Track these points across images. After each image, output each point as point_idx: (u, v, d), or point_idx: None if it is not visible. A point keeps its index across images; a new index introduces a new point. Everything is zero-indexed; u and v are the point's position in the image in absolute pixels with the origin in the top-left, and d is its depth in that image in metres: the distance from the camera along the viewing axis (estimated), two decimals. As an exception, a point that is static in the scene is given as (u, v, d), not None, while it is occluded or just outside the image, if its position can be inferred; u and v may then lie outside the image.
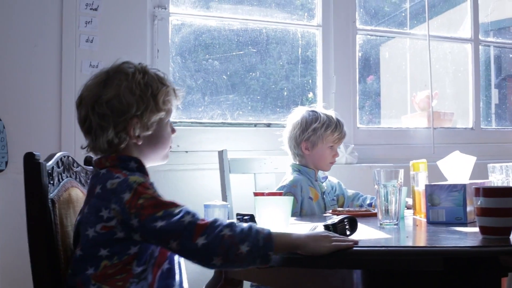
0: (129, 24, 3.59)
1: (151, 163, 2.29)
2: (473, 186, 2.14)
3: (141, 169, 2.16)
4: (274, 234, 1.91)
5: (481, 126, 4.89)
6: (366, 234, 2.30)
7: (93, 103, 2.14)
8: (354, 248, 1.92)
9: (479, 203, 2.08)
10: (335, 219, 2.08)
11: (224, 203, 2.56)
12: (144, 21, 3.64)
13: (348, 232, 2.10)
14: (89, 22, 3.48)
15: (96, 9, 3.49)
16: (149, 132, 2.18)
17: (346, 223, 2.10)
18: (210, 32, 3.94)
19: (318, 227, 2.14)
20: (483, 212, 2.08)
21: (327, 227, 2.06)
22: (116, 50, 3.53)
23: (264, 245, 1.87)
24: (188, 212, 1.95)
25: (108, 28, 3.52)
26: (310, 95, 4.24)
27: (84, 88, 2.20)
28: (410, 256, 1.87)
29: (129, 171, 2.10)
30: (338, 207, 3.35)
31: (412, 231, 2.50)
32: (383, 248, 1.90)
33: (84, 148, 2.23)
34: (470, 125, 4.85)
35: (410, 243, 2.18)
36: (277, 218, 2.03)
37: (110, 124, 2.13)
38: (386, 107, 4.88)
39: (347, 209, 3.15)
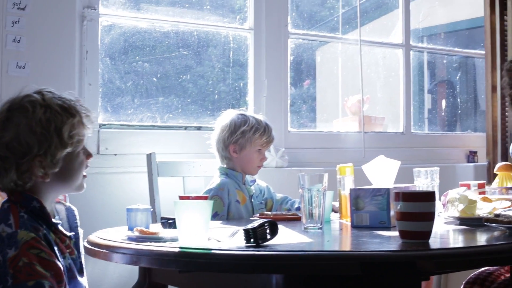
0: (58, 25, 3.52)
1: (64, 193, 2.26)
2: (393, 191, 2.15)
3: (42, 210, 2.11)
4: None
5: (412, 131, 4.95)
6: (289, 238, 2.30)
7: None
8: (273, 253, 1.92)
9: (398, 207, 2.09)
10: (255, 223, 2.07)
11: (147, 207, 2.53)
12: (73, 21, 3.57)
13: (268, 236, 2.09)
14: (16, 21, 3.41)
15: (23, 9, 3.42)
16: (56, 169, 2.12)
17: (266, 227, 2.09)
18: (140, 34, 3.90)
19: (238, 232, 2.13)
20: (402, 216, 2.09)
21: (247, 231, 2.05)
22: (44, 50, 3.47)
23: None
24: None
25: (36, 28, 3.45)
26: (248, 97, 4.22)
27: None
28: (328, 260, 1.86)
29: (28, 213, 2.06)
30: (267, 211, 3.35)
31: (335, 235, 2.52)
32: (301, 253, 1.90)
33: None
34: (401, 130, 4.90)
35: (330, 248, 2.18)
36: (196, 223, 2.01)
37: (13, 166, 2.06)
38: (322, 111, 4.90)
39: (274, 212, 3.15)
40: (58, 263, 2.03)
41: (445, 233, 2.50)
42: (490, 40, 5.19)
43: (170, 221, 2.56)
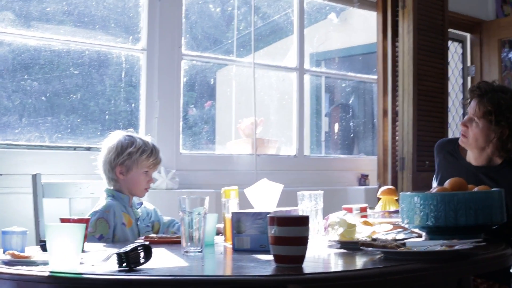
0: None
1: None
2: (268, 215, 2.16)
3: None
4: None
5: (304, 154, 5.00)
6: (166, 262, 2.29)
7: None
8: (141, 277, 1.90)
9: (273, 231, 2.10)
10: (128, 247, 2.05)
11: (23, 229, 2.48)
12: (-42, 38, 3.50)
13: (142, 260, 2.07)
14: None
15: None
16: None
17: (140, 251, 2.07)
18: (30, 52, 3.83)
19: (112, 256, 2.10)
20: (276, 240, 2.10)
21: (119, 255, 2.03)
22: None
23: None
24: None
25: None
26: (140, 118, 4.19)
27: None
28: (197, 285, 1.86)
29: None
30: (153, 234, 3.32)
31: (214, 259, 2.51)
32: (170, 277, 1.88)
33: None
34: (294, 153, 4.95)
35: (204, 272, 2.18)
36: (66, 247, 1.99)
37: None
38: (221, 133, 4.91)
39: (159, 235, 3.13)
40: None
41: (326, 257, 2.54)
42: (382, 66, 5.32)
43: (48, 244, 2.51)
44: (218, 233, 3.14)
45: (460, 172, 3.43)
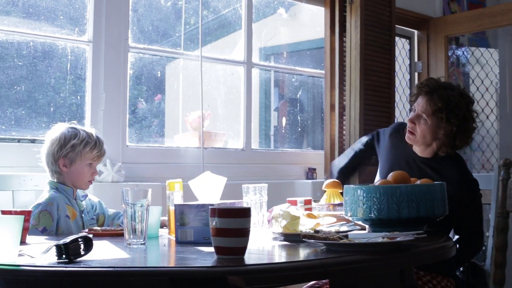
0: None
1: None
2: (210, 207, 2.16)
3: None
4: None
5: (252, 147, 5.00)
6: (107, 254, 2.28)
7: None
8: (80, 269, 1.90)
9: (214, 223, 2.11)
10: (68, 238, 2.04)
11: (-38, 222, 2.45)
12: None
13: (82, 252, 2.06)
14: None
15: None
16: None
17: (80, 242, 2.06)
18: (-28, 43, 3.78)
19: (52, 248, 2.09)
20: (217, 232, 2.11)
21: (58, 247, 2.01)
22: None
23: None
24: None
25: None
26: (85, 111, 4.14)
27: None
28: (137, 276, 1.86)
29: None
30: (98, 226, 3.31)
31: (157, 251, 2.51)
32: (109, 269, 1.88)
33: None
34: (241, 146, 4.95)
35: (144, 264, 2.17)
36: (4, 239, 1.97)
37: None
38: (170, 126, 4.89)
39: (103, 228, 3.12)
40: None
41: (270, 249, 2.55)
42: (329, 60, 5.34)
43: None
44: (163, 225, 3.14)
45: (404, 160, 3.48)
